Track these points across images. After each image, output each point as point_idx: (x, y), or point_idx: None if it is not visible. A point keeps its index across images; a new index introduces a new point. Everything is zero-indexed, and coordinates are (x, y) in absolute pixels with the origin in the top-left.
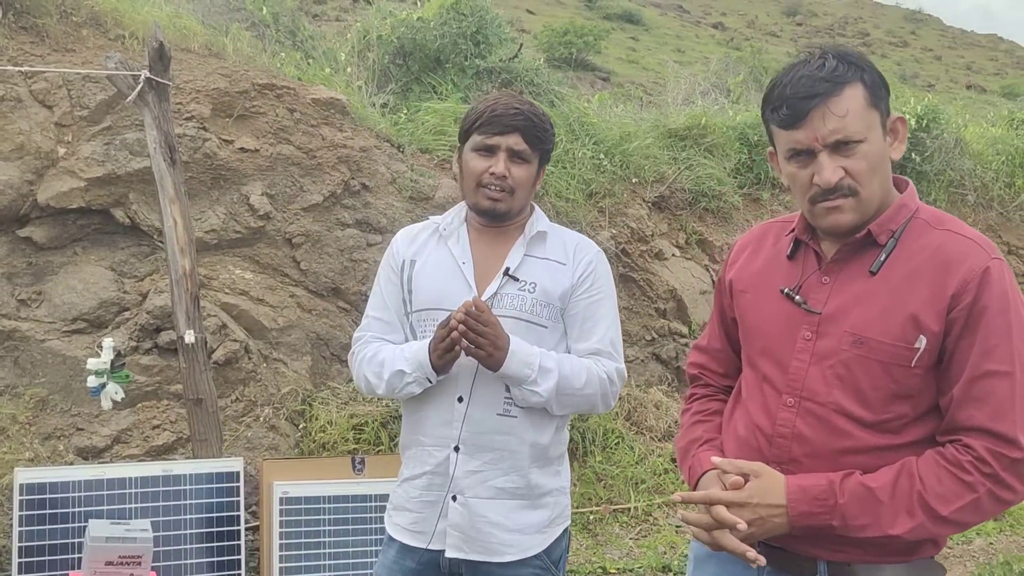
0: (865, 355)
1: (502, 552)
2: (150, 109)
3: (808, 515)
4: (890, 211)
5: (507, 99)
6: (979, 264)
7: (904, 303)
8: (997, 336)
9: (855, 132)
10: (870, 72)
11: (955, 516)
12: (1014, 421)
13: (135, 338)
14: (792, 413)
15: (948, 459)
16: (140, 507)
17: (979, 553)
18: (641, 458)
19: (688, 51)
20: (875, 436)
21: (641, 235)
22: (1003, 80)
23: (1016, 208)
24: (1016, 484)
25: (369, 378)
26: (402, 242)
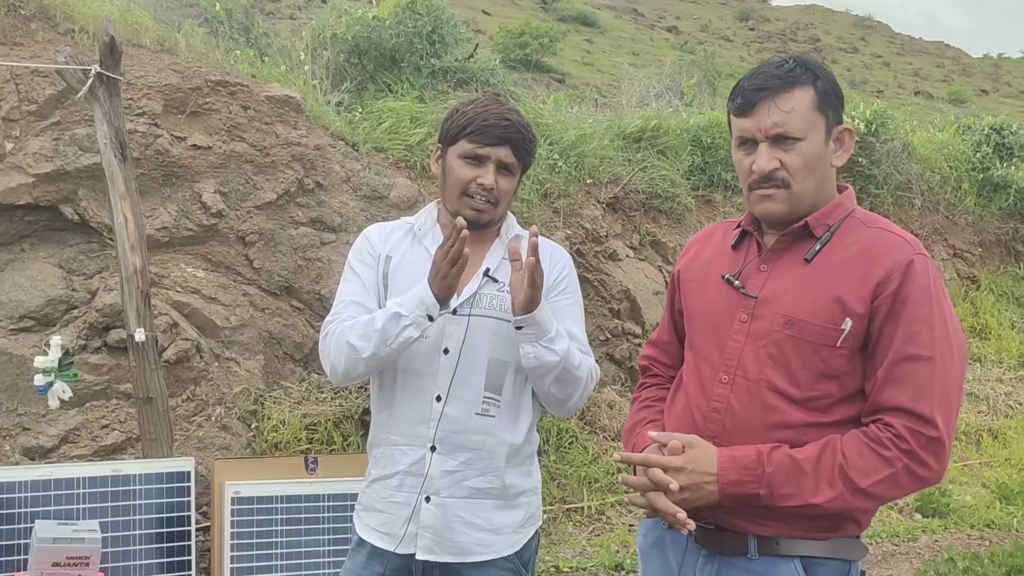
0: (795, 335)
1: (476, 552)
2: (100, 104)
3: (737, 483)
4: (828, 207)
5: (497, 108)
6: (904, 256)
7: (832, 288)
8: (919, 324)
9: (795, 129)
10: (825, 80)
11: (873, 489)
12: (932, 402)
13: (84, 336)
14: (726, 389)
15: (870, 436)
16: (88, 507)
17: (924, 550)
18: (594, 458)
19: (642, 54)
20: (803, 413)
21: (595, 236)
22: (949, 86)
23: (961, 212)
24: (931, 462)
25: (353, 342)
26: (376, 235)
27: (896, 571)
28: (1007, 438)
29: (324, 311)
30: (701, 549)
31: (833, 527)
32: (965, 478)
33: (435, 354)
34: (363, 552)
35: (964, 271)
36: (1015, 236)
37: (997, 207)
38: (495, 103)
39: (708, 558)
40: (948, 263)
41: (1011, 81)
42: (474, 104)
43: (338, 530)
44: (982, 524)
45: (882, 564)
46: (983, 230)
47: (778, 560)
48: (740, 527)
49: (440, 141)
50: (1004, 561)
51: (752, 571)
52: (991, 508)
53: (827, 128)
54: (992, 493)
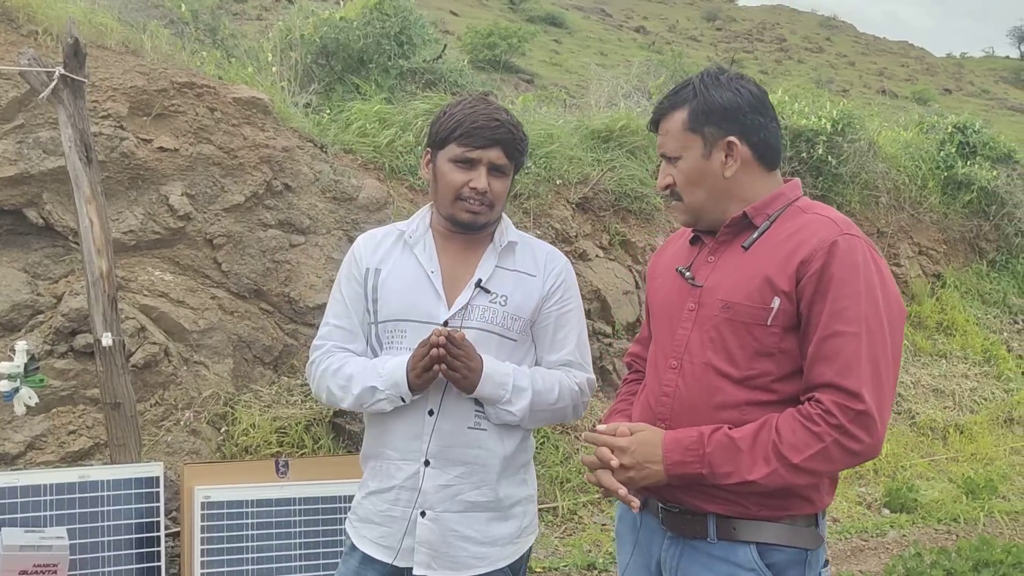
0: (731, 317)
1: (472, 566)
2: (65, 107)
3: (680, 463)
4: (767, 198)
5: (485, 108)
6: (828, 237)
7: (762, 269)
8: (845, 300)
9: (670, 150)
10: (702, 100)
11: (805, 464)
12: (859, 377)
13: (49, 341)
14: (675, 374)
15: (802, 413)
16: (56, 514)
17: (893, 545)
18: (566, 458)
19: (611, 54)
20: (744, 391)
21: (565, 236)
22: (914, 86)
23: (926, 210)
24: (862, 435)
25: (333, 390)
26: (365, 248)
27: (865, 566)
28: (973, 433)
29: (294, 313)
30: (667, 531)
31: (783, 505)
32: (932, 473)
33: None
34: (355, 558)
35: (929, 268)
36: (979, 233)
37: (961, 205)
38: (483, 103)
39: (673, 540)
40: (914, 260)
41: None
42: (461, 105)
43: (309, 534)
44: (949, 519)
45: (851, 559)
46: (947, 228)
47: (735, 545)
48: (696, 506)
49: (429, 145)
50: (971, 555)
51: (712, 555)
52: (958, 503)
53: (705, 144)
54: (959, 488)
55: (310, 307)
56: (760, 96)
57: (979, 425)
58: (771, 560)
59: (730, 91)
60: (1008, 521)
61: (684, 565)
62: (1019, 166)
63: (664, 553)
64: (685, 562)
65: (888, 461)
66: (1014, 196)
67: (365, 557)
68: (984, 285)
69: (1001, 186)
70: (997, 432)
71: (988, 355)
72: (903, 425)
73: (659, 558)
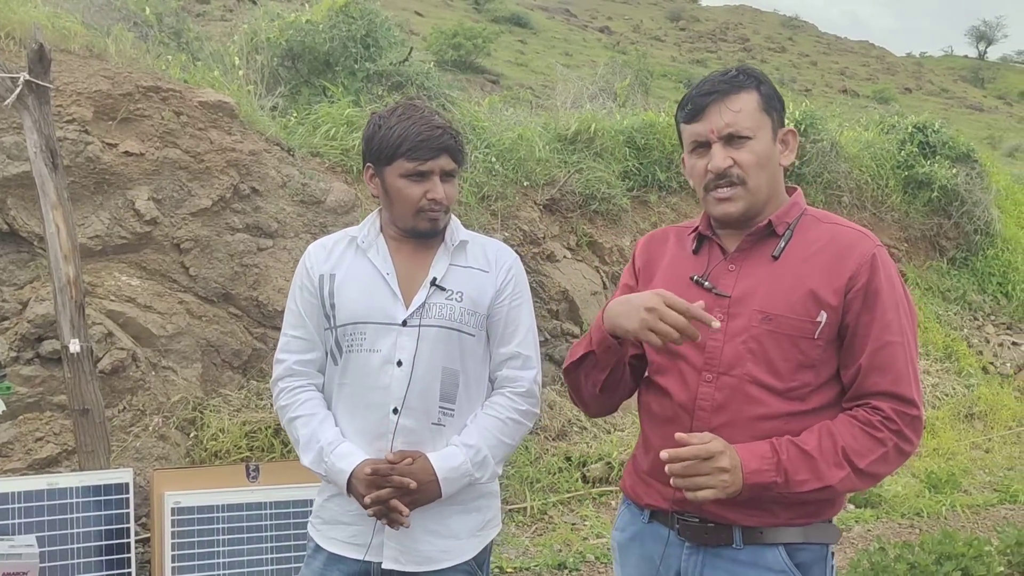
0: (774, 329)
1: (438, 559)
2: (30, 113)
3: (758, 472)
4: (786, 207)
5: (422, 117)
6: (867, 250)
7: (804, 283)
8: (891, 312)
9: (745, 128)
10: (767, 86)
11: (870, 468)
12: (910, 384)
13: (15, 348)
14: (712, 387)
15: (860, 420)
16: (24, 522)
17: (857, 539)
18: (536, 458)
19: (576, 54)
20: (785, 403)
21: (533, 237)
22: (875, 85)
23: (888, 209)
24: (914, 438)
25: (291, 432)
26: (316, 256)
27: None
28: (935, 429)
29: (262, 317)
30: (685, 541)
31: (816, 512)
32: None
33: (388, 367)
34: (319, 560)
35: None
36: (939, 232)
37: (921, 204)
38: (416, 111)
39: (692, 550)
40: None
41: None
42: (396, 117)
43: (281, 538)
44: (912, 513)
45: None
46: (908, 226)
47: (763, 548)
48: (727, 518)
49: (370, 160)
50: (934, 548)
51: (738, 560)
52: (921, 497)
53: (773, 128)
54: (922, 483)
55: (279, 311)
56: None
57: (941, 421)
58: (799, 560)
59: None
60: (970, 515)
61: (709, 573)
62: (978, 165)
63: (684, 563)
64: (709, 570)
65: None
66: (973, 194)
67: (330, 558)
68: (945, 282)
69: (961, 184)
70: (958, 427)
71: (949, 351)
72: None
73: (678, 569)
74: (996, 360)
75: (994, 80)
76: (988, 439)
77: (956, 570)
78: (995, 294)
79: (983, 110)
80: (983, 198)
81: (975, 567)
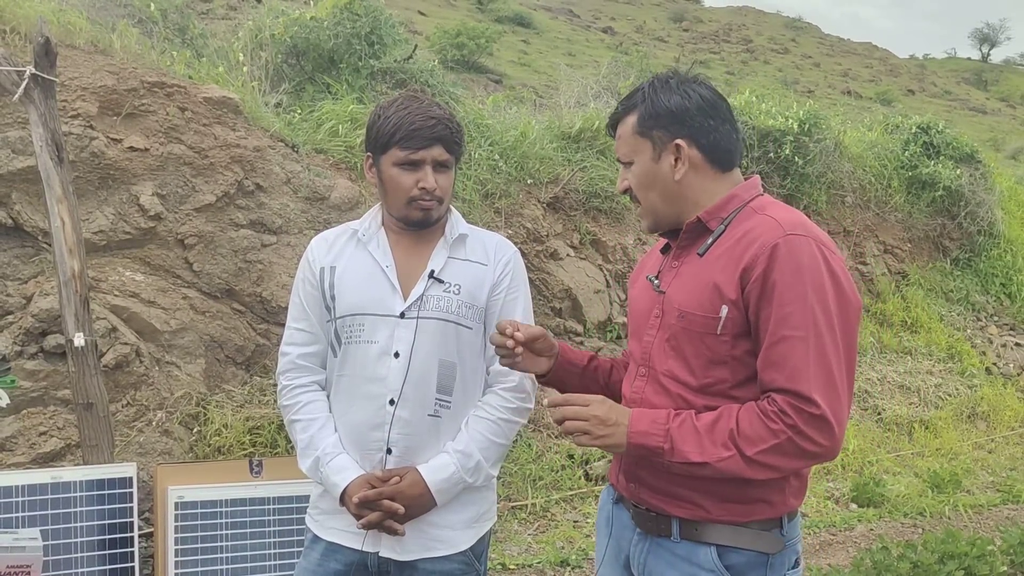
0: (686, 327)
1: (433, 548)
2: (36, 106)
3: (644, 434)
4: (720, 201)
5: (419, 107)
6: (770, 240)
7: (711, 277)
8: (791, 304)
9: (623, 154)
10: (649, 104)
11: (760, 457)
12: (810, 381)
13: (19, 342)
14: (643, 381)
15: (760, 408)
16: (28, 516)
17: (860, 539)
18: (538, 455)
19: (579, 54)
20: (703, 399)
21: (536, 235)
22: (878, 87)
23: (891, 209)
24: (817, 437)
25: (292, 435)
26: (318, 249)
27: (834, 559)
28: (938, 428)
29: (266, 313)
30: (636, 528)
31: (745, 511)
32: (898, 468)
33: (386, 359)
34: (317, 550)
35: (894, 267)
36: (942, 232)
37: (925, 204)
38: (415, 102)
39: (641, 536)
40: (879, 259)
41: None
42: (395, 107)
43: (284, 533)
44: (915, 512)
45: (820, 553)
46: (912, 226)
47: (697, 545)
48: (663, 509)
49: (369, 150)
50: (937, 548)
51: (675, 554)
52: (923, 497)
53: (654, 148)
54: (924, 482)
55: (282, 307)
56: (711, 99)
57: (944, 420)
58: (730, 562)
59: (678, 95)
60: (972, 514)
61: (651, 562)
62: (981, 165)
63: (633, 548)
64: (652, 559)
65: (855, 456)
66: (977, 195)
67: (328, 548)
68: (948, 283)
69: (964, 185)
70: (961, 427)
71: (952, 352)
72: (870, 421)
73: (628, 552)
74: (999, 361)
75: (997, 82)
76: (991, 439)
77: (959, 569)
78: (998, 295)
79: (986, 112)
80: (987, 199)
81: (978, 566)
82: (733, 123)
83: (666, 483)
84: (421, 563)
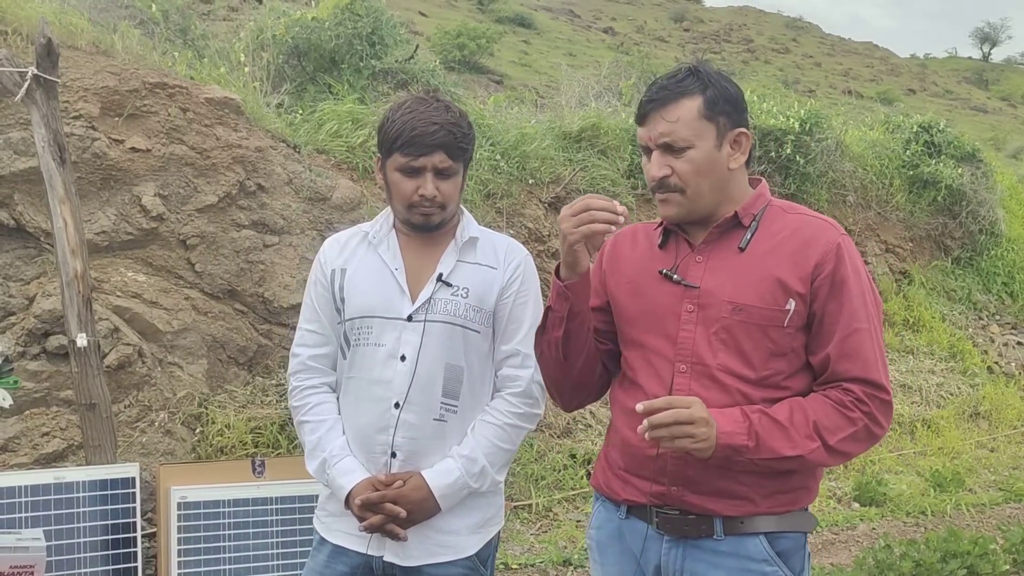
0: (745, 320)
1: (437, 554)
2: (38, 107)
3: (731, 435)
4: (751, 199)
5: (424, 112)
6: (833, 239)
7: (771, 272)
8: (857, 299)
9: (681, 138)
10: (715, 89)
11: (840, 445)
12: (879, 370)
13: (22, 343)
14: (687, 378)
15: (832, 399)
16: (31, 516)
17: (863, 538)
18: (541, 455)
19: (579, 55)
20: (759, 391)
21: (538, 235)
22: (879, 86)
23: (893, 208)
24: (884, 421)
25: (300, 435)
26: (330, 251)
27: (836, 559)
28: (939, 428)
29: (268, 314)
30: (664, 535)
31: (794, 500)
32: (900, 467)
33: (392, 361)
34: (324, 552)
35: (896, 266)
36: (944, 231)
37: (927, 203)
38: (421, 105)
39: (673, 543)
40: (881, 258)
41: (937, 80)
42: (401, 111)
43: (287, 533)
44: (917, 511)
45: (823, 552)
46: (913, 226)
47: (743, 538)
48: (708, 509)
49: (378, 151)
50: (939, 546)
51: (719, 552)
52: (926, 496)
53: (719, 134)
54: (926, 481)
55: (284, 307)
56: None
57: (946, 420)
58: (779, 548)
59: (733, 84)
60: (975, 513)
61: (690, 566)
62: (983, 164)
63: (664, 557)
64: (691, 562)
65: (857, 456)
66: (978, 194)
67: (335, 550)
68: (949, 282)
69: (966, 184)
70: (963, 426)
71: (954, 351)
72: None
73: (658, 564)
74: (1001, 360)
75: (998, 82)
76: (993, 438)
77: (961, 568)
78: (1000, 294)
79: (987, 112)
80: (988, 198)
81: (980, 565)
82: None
83: (716, 480)
84: (426, 568)
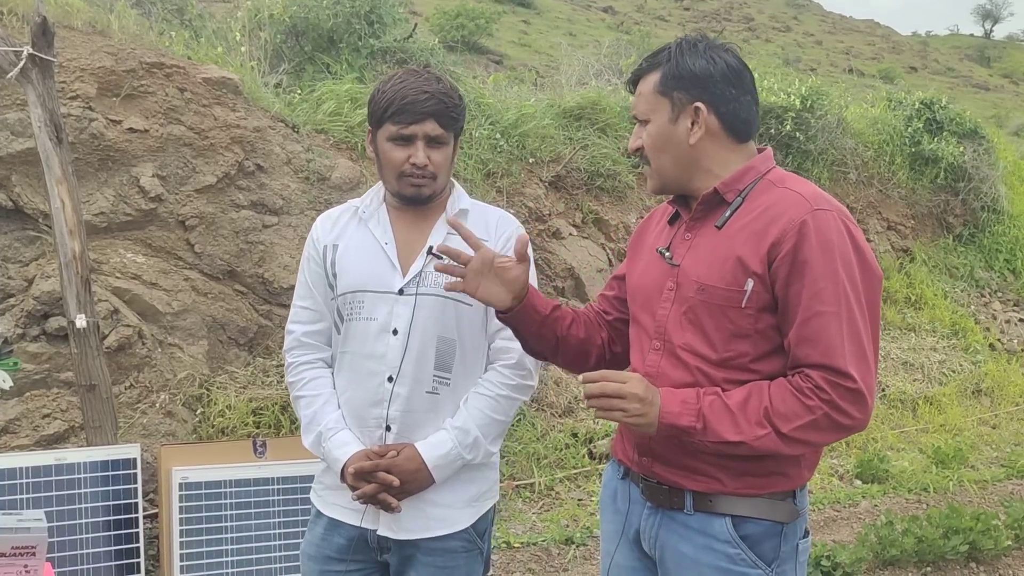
0: (707, 300)
1: (432, 528)
2: (34, 87)
3: (676, 415)
4: (737, 173)
5: (415, 82)
6: (798, 216)
7: (734, 250)
8: (823, 280)
9: (640, 112)
10: (675, 63)
11: (795, 433)
12: (845, 356)
13: (21, 325)
14: (658, 355)
15: (793, 385)
16: (32, 497)
17: (865, 515)
18: (543, 434)
19: (579, 34)
20: (723, 372)
21: (539, 214)
22: (880, 64)
23: (894, 186)
24: (852, 410)
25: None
26: (322, 228)
27: (838, 535)
28: (942, 405)
29: (268, 294)
30: (647, 502)
31: (762, 483)
32: (902, 444)
33: (385, 335)
34: (320, 525)
35: (898, 243)
36: (946, 208)
37: (928, 180)
38: (412, 76)
39: (652, 510)
40: (883, 236)
41: (939, 58)
42: (392, 81)
43: (288, 512)
44: (919, 488)
45: (824, 529)
46: (915, 203)
47: (711, 517)
48: (677, 483)
49: (369, 124)
50: (941, 523)
51: (688, 526)
52: (928, 472)
53: (672, 108)
54: (928, 458)
55: (284, 288)
56: (736, 67)
57: (948, 397)
58: (745, 532)
59: (704, 59)
60: (977, 489)
61: (663, 535)
62: (985, 141)
63: (643, 523)
64: (664, 532)
65: (860, 433)
66: (980, 171)
67: (331, 522)
68: (952, 259)
69: (968, 161)
70: (965, 403)
71: (956, 328)
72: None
73: (638, 528)
74: (1003, 336)
75: (1000, 59)
76: (995, 415)
77: (964, 544)
78: (1002, 271)
79: (989, 89)
80: (990, 175)
81: (983, 541)
82: (755, 95)
83: (680, 456)
84: (422, 542)
